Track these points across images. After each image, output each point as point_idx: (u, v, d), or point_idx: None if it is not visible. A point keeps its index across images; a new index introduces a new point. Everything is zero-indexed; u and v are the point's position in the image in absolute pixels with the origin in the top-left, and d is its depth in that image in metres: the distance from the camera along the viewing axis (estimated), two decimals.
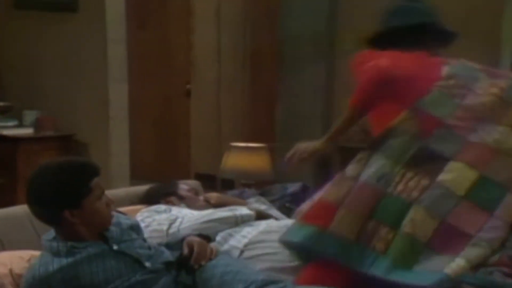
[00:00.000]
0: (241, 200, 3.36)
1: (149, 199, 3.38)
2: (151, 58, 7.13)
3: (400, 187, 2.55)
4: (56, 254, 2.35)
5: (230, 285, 2.33)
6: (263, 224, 2.95)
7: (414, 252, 2.44)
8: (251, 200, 3.36)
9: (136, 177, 5.52)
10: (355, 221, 2.53)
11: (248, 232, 2.88)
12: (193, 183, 3.79)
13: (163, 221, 2.98)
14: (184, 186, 3.45)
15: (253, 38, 6.78)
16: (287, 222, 2.96)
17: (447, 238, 2.45)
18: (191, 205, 3.29)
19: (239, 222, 2.94)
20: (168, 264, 2.45)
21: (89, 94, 5.35)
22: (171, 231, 2.92)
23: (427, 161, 2.58)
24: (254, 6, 6.71)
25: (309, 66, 5.82)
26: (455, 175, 2.53)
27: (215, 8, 6.88)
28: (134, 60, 5.79)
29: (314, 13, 5.79)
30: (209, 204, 3.30)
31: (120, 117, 5.42)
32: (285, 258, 2.70)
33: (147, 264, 2.40)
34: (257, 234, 2.86)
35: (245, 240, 2.83)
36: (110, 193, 3.40)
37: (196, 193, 3.46)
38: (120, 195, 3.42)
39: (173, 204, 3.27)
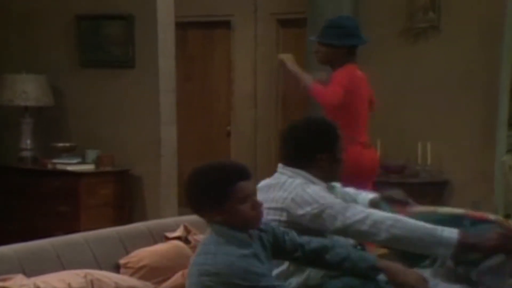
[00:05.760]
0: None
1: None
2: (195, 105, 7.19)
3: None
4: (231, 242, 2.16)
5: None
6: None
7: None
8: None
9: (182, 205, 5.54)
10: None
11: None
12: None
13: None
14: None
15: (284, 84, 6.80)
16: None
17: None
18: None
19: None
20: None
21: (143, 135, 5.35)
22: None
23: None
24: None
25: None
26: None
27: (252, 63, 6.96)
28: (181, 106, 5.82)
29: None
30: None
31: (169, 155, 5.41)
32: None
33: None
34: None
35: None
36: (160, 222, 3.23)
37: None
38: (169, 223, 3.23)
39: None
